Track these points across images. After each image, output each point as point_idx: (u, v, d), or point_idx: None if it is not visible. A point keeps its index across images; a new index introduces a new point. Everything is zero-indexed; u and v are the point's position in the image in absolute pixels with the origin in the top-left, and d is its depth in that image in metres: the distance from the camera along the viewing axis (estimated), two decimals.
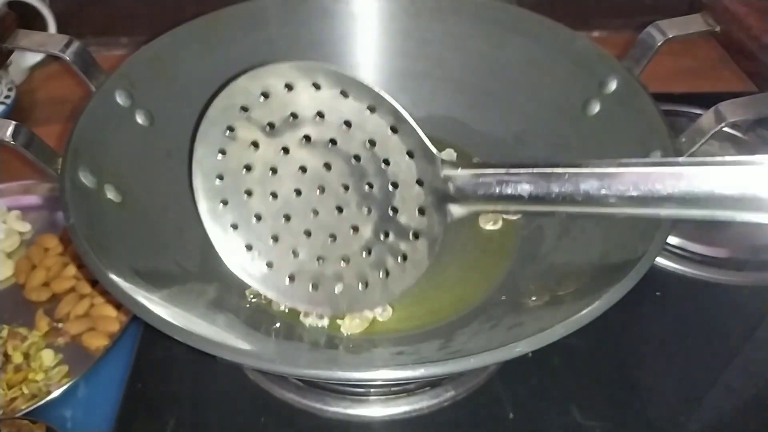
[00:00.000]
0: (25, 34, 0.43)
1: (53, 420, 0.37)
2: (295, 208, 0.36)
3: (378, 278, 0.36)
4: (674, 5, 0.60)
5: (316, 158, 0.35)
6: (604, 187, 0.29)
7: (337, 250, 0.36)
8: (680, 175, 0.28)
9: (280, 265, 0.37)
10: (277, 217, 0.37)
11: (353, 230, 0.35)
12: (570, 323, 0.29)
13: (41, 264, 0.48)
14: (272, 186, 0.36)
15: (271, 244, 0.37)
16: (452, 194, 0.32)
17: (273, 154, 0.36)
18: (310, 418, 0.40)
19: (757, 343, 0.45)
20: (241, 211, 0.37)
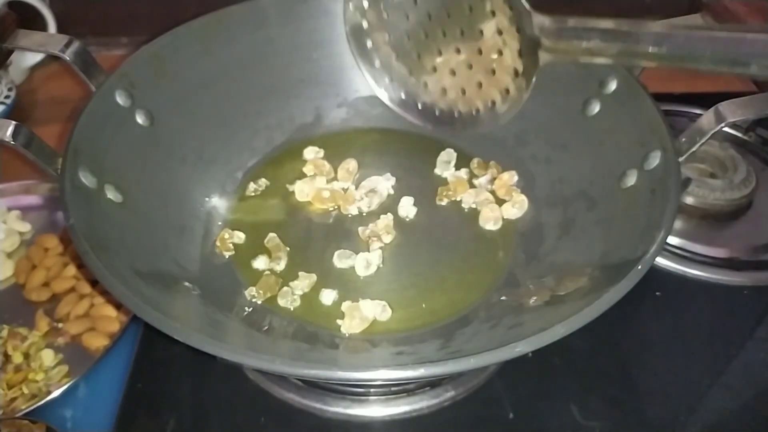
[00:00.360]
0: (25, 34, 0.43)
1: (53, 420, 0.37)
2: (424, 48, 0.45)
3: (487, 106, 0.43)
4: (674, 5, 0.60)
5: (438, 7, 0.43)
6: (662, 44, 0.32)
7: (457, 83, 0.44)
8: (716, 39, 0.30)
9: (414, 95, 0.47)
10: (410, 56, 0.46)
11: (468, 67, 0.43)
12: (570, 323, 0.29)
13: (41, 264, 0.48)
14: (406, 29, 0.45)
15: (406, 76, 0.47)
16: (542, 41, 0.37)
17: (406, 3, 0.44)
18: (310, 417, 0.40)
19: (757, 343, 0.45)
20: (383, 50, 0.47)
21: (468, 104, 0.44)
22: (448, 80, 0.45)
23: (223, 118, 0.49)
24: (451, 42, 0.43)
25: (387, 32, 0.46)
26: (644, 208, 0.37)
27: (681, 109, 0.60)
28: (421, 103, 0.47)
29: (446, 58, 0.44)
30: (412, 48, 0.45)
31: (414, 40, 0.45)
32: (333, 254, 0.44)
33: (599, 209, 0.41)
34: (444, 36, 0.43)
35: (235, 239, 0.44)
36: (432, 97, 0.46)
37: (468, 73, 0.43)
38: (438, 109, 0.46)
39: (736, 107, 0.38)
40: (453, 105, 0.45)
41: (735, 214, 0.52)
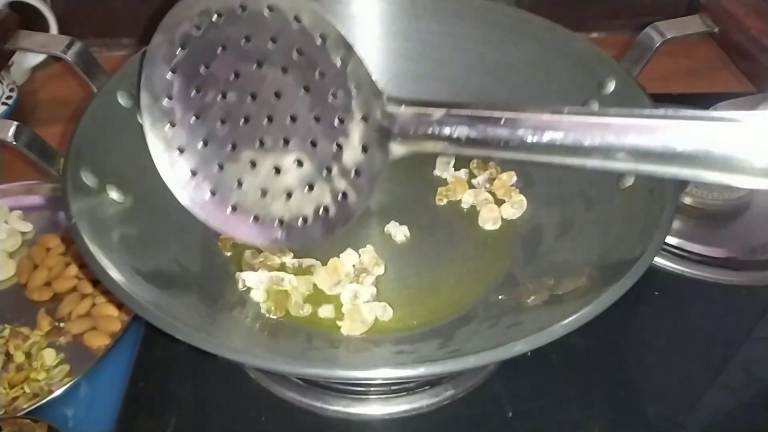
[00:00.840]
0: (26, 35, 0.43)
1: (55, 419, 0.37)
2: (243, 137, 0.36)
3: (318, 215, 0.36)
4: (673, 6, 0.60)
5: (266, 85, 0.34)
6: (538, 134, 0.28)
7: (280, 183, 0.36)
8: (608, 126, 0.27)
9: (223, 194, 0.37)
10: (223, 144, 0.36)
11: (298, 164, 0.35)
12: (569, 323, 0.30)
13: (43, 264, 0.48)
14: (221, 111, 0.36)
15: (216, 171, 0.37)
16: (394, 132, 0.32)
17: (224, 78, 0.35)
18: (310, 416, 0.40)
19: (756, 342, 0.45)
20: (188, 134, 0.36)
21: (294, 211, 0.36)
22: (269, 179, 0.36)
23: None
24: (277, 130, 0.35)
25: (195, 112, 0.36)
26: (643, 208, 0.37)
27: None
28: (233, 206, 0.37)
29: (270, 151, 0.35)
30: (227, 135, 0.36)
31: (230, 125, 0.35)
32: None
33: (598, 209, 0.41)
34: (269, 122, 0.35)
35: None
36: (248, 200, 0.36)
37: (296, 172, 0.35)
38: (254, 214, 0.37)
39: (734, 108, 0.38)
40: (274, 211, 0.36)
41: (733, 214, 0.52)
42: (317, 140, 0.34)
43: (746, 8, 0.46)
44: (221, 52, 0.35)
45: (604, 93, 0.43)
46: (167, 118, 0.36)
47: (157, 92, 0.36)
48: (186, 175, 0.37)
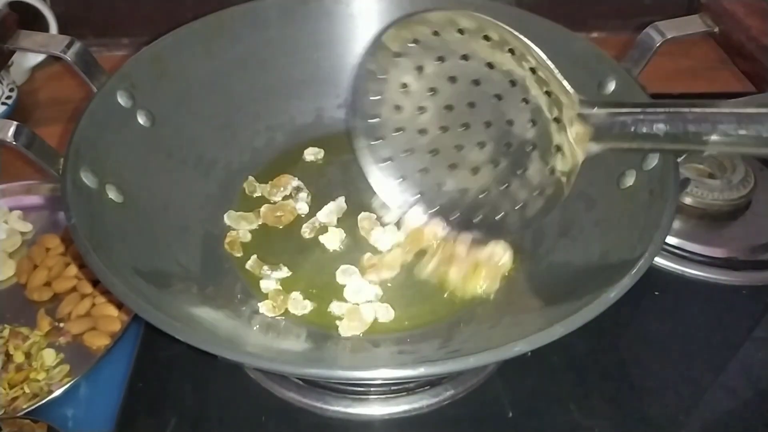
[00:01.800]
0: (26, 34, 0.43)
1: (55, 419, 0.37)
2: (442, 143, 0.39)
3: (514, 209, 0.38)
4: (673, 6, 0.60)
5: (460, 97, 0.37)
6: (742, 127, 0.29)
7: (478, 181, 0.39)
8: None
9: (429, 195, 0.41)
10: (425, 151, 0.40)
11: (493, 164, 0.38)
12: (569, 322, 0.30)
13: (43, 264, 0.48)
14: (421, 122, 0.40)
15: (420, 175, 0.41)
16: (589, 131, 0.33)
17: (421, 94, 0.39)
18: (310, 416, 0.40)
19: (756, 342, 0.45)
20: (394, 145, 0.41)
21: (492, 208, 0.39)
22: (469, 180, 0.39)
23: (224, 118, 0.49)
24: (474, 136, 0.38)
25: (399, 125, 0.41)
26: (643, 208, 0.37)
27: None
28: (438, 205, 0.41)
29: (468, 154, 0.39)
30: (428, 143, 0.40)
31: (431, 134, 0.40)
32: (336, 268, 0.43)
33: (598, 209, 0.41)
34: (466, 129, 0.38)
35: (242, 238, 0.44)
36: (450, 199, 0.40)
37: (493, 172, 0.38)
38: (456, 212, 0.40)
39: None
40: (474, 208, 0.40)
41: (733, 214, 0.52)
42: (512, 142, 0.37)
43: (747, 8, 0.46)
44: (418, 74, 0.38)
45: (604, 93, 0.43)
46: (375, 134, 0.41)
47: (367, 112, 0.41)
48: (395, 182, 0.42)
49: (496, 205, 0.39)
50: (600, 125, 0.33)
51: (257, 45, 0.49)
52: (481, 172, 0.39)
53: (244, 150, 0.50)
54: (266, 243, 0.45)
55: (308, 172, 0.49)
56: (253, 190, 0.48)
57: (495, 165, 0.38)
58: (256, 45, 0.49)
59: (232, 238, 0.44)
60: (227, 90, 0.49)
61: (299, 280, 0.42)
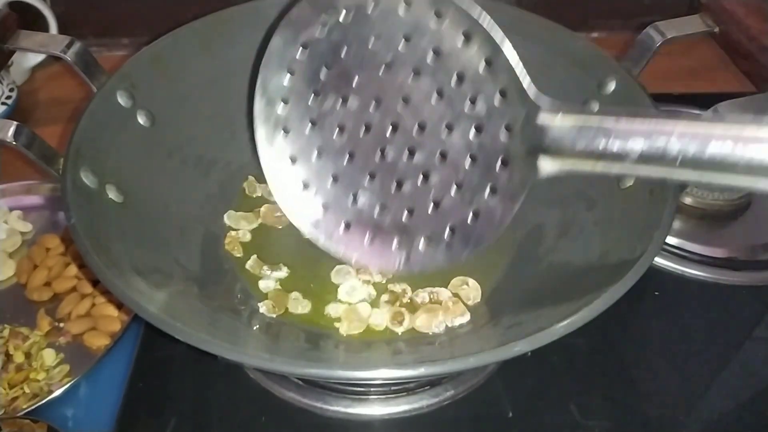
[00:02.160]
0: (26, 34, 0.43)
1: (54, 419, 0.37)
2: (362, 146, 0.32)
3: (442, 237, 0.32)
4: (673, 6, 0.60)
5: (393, 89, 0.30)
6: (738, 150, 0.23)
7: (402, 200, 0.32)
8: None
9: (337, 209, 0.34)
10: (340, 154, 0.33)
11: (422, 178, 0.31)
12: (569, 322, 0.30)
13: (43, 264, 0.48)
14: (340, 117, 0.32)
15: (330, 183, 0.34)
16: (545, 146, 0.28)
17: (346, 81, 0.31)
18: (310, 417, 0.40)
19: (756, 342, 0.45)
20: (302, 142, 0.34)
21: (414, 232, 0.32)
22: (389, 195, 0.32)
23: (224, 118, 0.49)
24: (402, 140, 0.31)
25: (312, 118, 0.33)
26: (643, 208, 0.37)
27: (680, 109, 0.60)
28: (346, 223, 0.34)
29: (392, 163, 0.31)
30: (345, 144, 0.33)
31: (349, 133, 0.32)
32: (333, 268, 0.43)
33: (598, 209, 0.41)
34: (394, 131, 0.31)
35: (242, 238, 0.44)
36: (363, 217, 0.33)
37: (420, 188, 0.31)
38: (370, 234, 0.34)
39: (734, 108, 0.38)
40: (391, 231, 0.33)
41: (734, 214, 0.52)
42: (448, 152, 0.30)
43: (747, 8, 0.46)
44: (345, 54, 0.31)
45: (604, 93, 0.43)
46: (281, 125, 0.34)
47: (273, 97, 0.33)
48: (297, 188, 0.34)
49: (418, 228, 0.32)
50: (561, 138, 0.27)
51: (257, 45, 0.49)
52: (406, 186, 0.32)
53: (244, 150, 0.50)
54: (266, 243, 0.45)
55: None
56: (254, 190, 0.48)
57: (424, 179, 0.31)
58: (256, 45, 0.49)
59: (232, 238, 0.44)
60: (227, 90, 0.49)
61: (299, 280, 0.42)
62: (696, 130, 0.24)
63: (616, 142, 0.26)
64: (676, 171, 0.25)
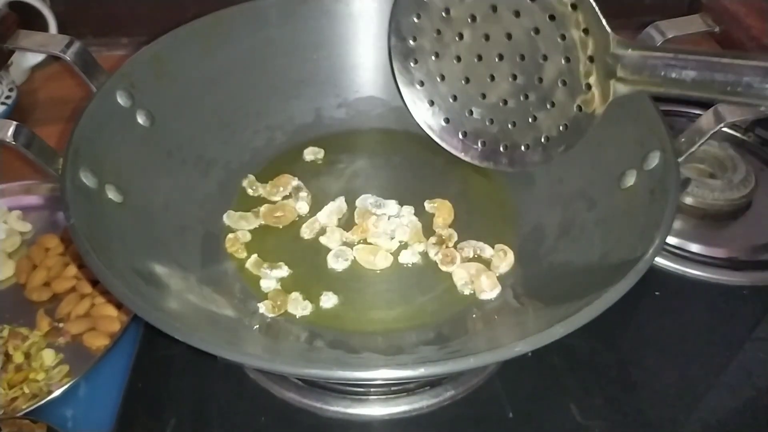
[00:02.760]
0: (26, 34, 0.43)
1: (54, 419, 0.37)
2: (475, 72, 0.41)
3: (540, 141, 0.40)
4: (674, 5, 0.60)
5: (499, 27, 0.38)
6: (765, 81, 0.30)
7: (507, 113, 0.41)
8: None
9: (456, 122, 0.43)
10: (458, 79, 0.42)
11: (524, 96, 0.39)
12: (569, 323, 0.30)
13: (42, 264, 0.48)
14: (457, 50, 0.41)
15: (451, 101, 0.43)
16: (619, 72, 0.34)
17: (462, 21, 0.40)
18: (310, 417, 0.40)
19: (756, 343, 0.45)
20: (428, 69, 0.43)
21: (518, 139, 0.41)
22: (497, 110, 0.41)
23: (223, 118, 0.49)
24: (507, 67, 0.39)
25: (436, 50, 0.42)
26: (643, 208, 0.37)
27: (680, 109, 0.60)
28: (464, 132, 0.43)
29: (499, 85, 0.40)
30: (462, 70, 0.41)
31: (465, 61, 0.41)
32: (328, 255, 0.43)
33: (598, 209, 0.41)
34: (500, 60, 0.39)
35: (242, 239, 0.44)
36: (477, 127, 0.42)
37: (522, 104, 0.40)
38: (482, 140, 0.43)
39: (735, 107, 0.38)
40: (500, 138, 0.42)
41: (734, 214, 0.52)
42: (543, 76, 0.38)
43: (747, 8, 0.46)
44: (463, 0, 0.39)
45: None
46: (412, 56, 0.43)
47: (404, 34, 0.43)
48: (425, 105, 0.44)
49: (521, 136, 0.40)
50: (632, 66, 0.34)
51: (257, 44, 0.49)
52: (510, 103, 0.40)
53: (244, 150, 0.50)
54: (266, 243, 0.45)
55: (308, 172, 0.49)
56: (254, 190, 0.48)
57: (525, 97, 0.39)
58: (255, 44, 0.49)
59: (232, 238, 0.44)
60: (227, 90, 0.49)
61: (299, 281, 0.42)
62: (734, 64, 0.30)
63: (670, 71, 0.32)
64: (720, 96, 0.32)
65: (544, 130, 0.40)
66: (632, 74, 0.34)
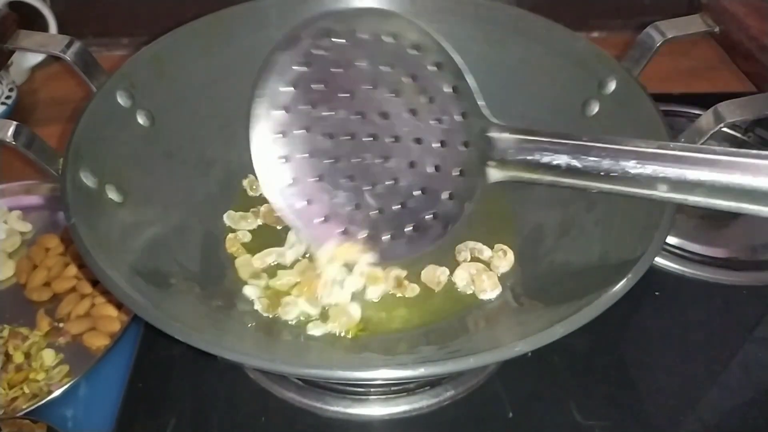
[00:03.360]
0: (26, 34, 0.43)
1: (54, 419, 0.37)
2: (346, 151, 0.38)
3: (404, 233, 0.37)
4: (673, 6, 0.60)
5: (375, 105, 0.36)
6: (641, 165, 0.29)
7: (374, 199, 0.38)
8: (716, 162, 0.28)
9: (318, 203, 0.39)
10: (325, 157, 0.38)
11: (394, 182, 0.37)
12: (569, 323, 0.30)
13: (42, 264, 0.48)
14: (328, 126, 0.38)
15: (314, 181, 0.39)
16: (494, 157, 0.33)
17: (336, 96, 0.37)
18: (310, 417, 0.40)
19: (756, 342, 0.45)
20: (295, 145, 0.39)
21: (381, 228, 0.38)
22: (363, 195, 0.38)
23: (223, 118, 0.49)
24: (380, 148, 0.36)
25: (303, 124, 0.38)
26: (643, 208, 0.37)
27: (680, 109, 0.60)
28: (324, 216, 0.39)
29: (369, 168, 0.37)
30: (331, 149, 0.38)
31: (335, 140, 0.37)
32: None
33: (598, 209, 0.41)
34: (374, 140, 0.36)
35: (242, 239, 0.44)
36: (339, 212, 0.39)
37: (391, 191, 0.37)
38: (344, 227, 0.39)
39: (735, 108, 0.38)
40: (361, 225, 0.38)
41: (734, 214, 0.52)
42: (416, 161, 0.36)
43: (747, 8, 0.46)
44: (339, 72, 0.36)
45: (604, 93, 0.43)
46: (278, 128, 0.39)
47: (272, 103, 0.39)
48: (286, 182, 0.40)
49: (388, 225, 0.38)
50: (506, 150, 0.33)
51: (257, 44, 0.49)
52: (378, 187, 0.37)
53: (244, 150, 0.50)
54: (266, 243, 0.45)
55: None
56: (254, 190, 0.48)
57: (395, 183, 0.37)
58: (255, 44, 0.49)
59: (232, 238, 0.44)
60: (227, 90, 0.49)
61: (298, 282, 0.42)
62: (609, 148, 0.30)
63: (545, 155, 0.31)
64: (593, 183, 0.31)
65: (412, 220, 0.37)
66: (507, 159, 0.33)
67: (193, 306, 0.38)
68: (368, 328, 0.40)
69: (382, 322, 0.40)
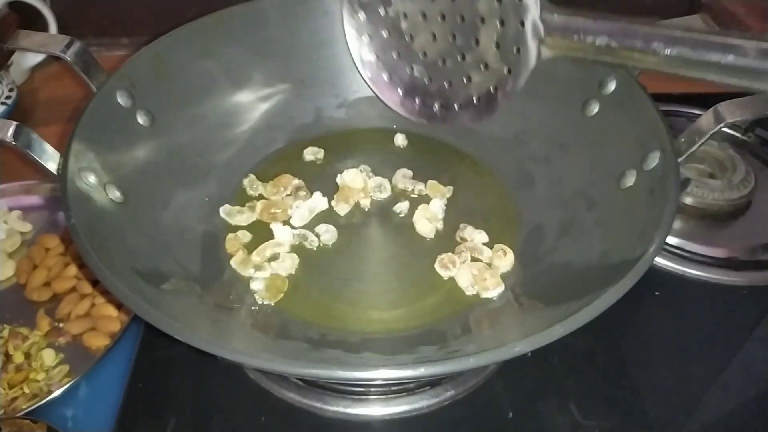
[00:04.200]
0: (26, 34, 0.43)
1: (54, 419, 0.37)
2: (419, 29, 0.44)
3: (472, 102, 0.43)
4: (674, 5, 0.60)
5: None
6: (669, 47, 0.32)
7: (445, 73, 0.44)
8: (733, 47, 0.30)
9: (396, 78, 0.47)
10: (402, 37, 0.45)
11: (460, 56, 0.42)
12: (569, 323, 0.30)
13: (42, 264, 0.48)
14: (405, 6, 0.44)
15: (394, 57, 0.46)
16: (544, 36, 0.37)
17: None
18: (310, 417, 0.40)
19: (756, 342, 0.45)
20: (377, 24, 0.46)
21: (451, 97, 0.44)
22: (436, 68, 0.44)
23: (224, 118, 0.49)
24: (448, 27, 0.42)
25: (384, 5, 0.45)
26: (643, 208, 0.37)
27: (680, 109, 0.60)
28: (403, 89, 0.46)
29: (439, 44, 0.43)
30: (407, 28, 0.44)
31: (411, 20, 0.44)
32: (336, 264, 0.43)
33: (598, 209, 0.41)
34: (443, 20, 0.42)
35: (242, 239, 0.44)
36: (416, 84, 0.45)
37: (458, 65, 0.42)
38: (419, 98, 0.46)
39: (735, 107, 0.38)
40: (435, 95, 0.44)
41: (734, 214, 0.52)
42: (480, 38, 0.41)
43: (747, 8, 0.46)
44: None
45: (604, 92, 0.43)
46: (362, 11, 0.46)
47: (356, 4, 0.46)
48: (371, 58, 0.48)
49: (455, 96, 0.44)
50: (554, 31, 0.36)
51: (256, 44, 0.49)
52: (448, 63, 0.43)
53: (244, 150, 0.50)
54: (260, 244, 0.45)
55: (308, 172, 0.49)
56: (254, 190, 0.48)
57: (462, 58, 0.42)
58: (255, 44, 0.49)
59: (232, 238, 0.44)
60: (227, 89, 0.49)
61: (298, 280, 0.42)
62: (646, 31, 0.33)
63: (588, 36, 0.35)
64: (626, 61, 0.35)
65: (477, 91, 0.42)
66: (557, 39, 0.36)
67: (193, 306, 0.38)
68: (368, 327, 0.40)
69: (383, 321, 0.40)
